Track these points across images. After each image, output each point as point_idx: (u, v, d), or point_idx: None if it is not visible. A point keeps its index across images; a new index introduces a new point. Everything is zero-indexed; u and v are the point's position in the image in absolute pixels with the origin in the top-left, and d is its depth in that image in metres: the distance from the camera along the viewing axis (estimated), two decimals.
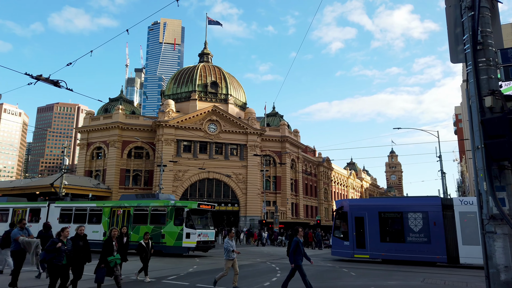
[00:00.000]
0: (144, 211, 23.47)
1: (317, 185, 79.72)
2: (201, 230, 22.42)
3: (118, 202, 25.68)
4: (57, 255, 8.85)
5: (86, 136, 57.64)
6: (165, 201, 23.19)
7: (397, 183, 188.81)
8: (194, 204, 22.89)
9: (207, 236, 22.97)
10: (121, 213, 24.03)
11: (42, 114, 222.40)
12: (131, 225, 23.34)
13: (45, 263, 8.91)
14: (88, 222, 24.63)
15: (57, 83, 14.12)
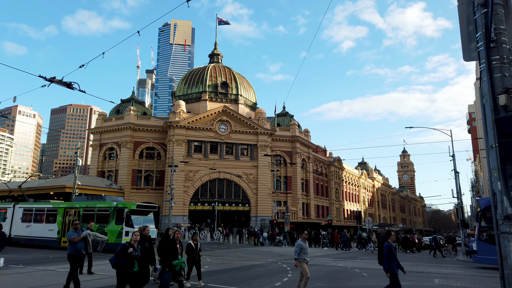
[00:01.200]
0: (91, 211, 25.74)
1: (328, 185, 79.31)
2: None
3: (71, 203, 28.45)
4: (128, 261, 8.39)
5: (98, 137, 58.36)
6: (109, 203, 25.37)
7: (409, 182, 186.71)
8: (133, 205, 24.91)
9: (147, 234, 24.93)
10: (72, 213, 26.45)
11: (55, 115, 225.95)
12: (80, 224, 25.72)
13: (116, 268, 8.46)
14: (46, 222, 27.39)
15: (70, 85, 14.35)
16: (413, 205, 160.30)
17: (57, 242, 25.93)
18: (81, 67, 15.56)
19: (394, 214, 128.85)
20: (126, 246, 8.49)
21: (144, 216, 25.34)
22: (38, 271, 15.21)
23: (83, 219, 24.77)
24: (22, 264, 17.28)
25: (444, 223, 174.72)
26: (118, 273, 8.55)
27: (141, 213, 25.17)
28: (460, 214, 34.50)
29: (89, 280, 12.96)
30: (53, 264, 17.44)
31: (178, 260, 9.74)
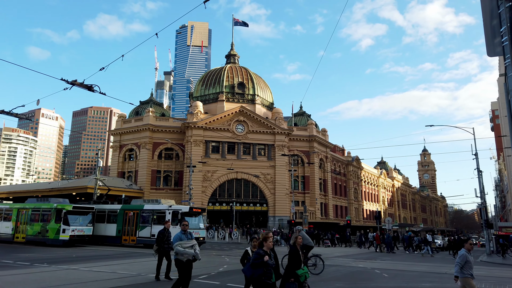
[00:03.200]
0: (38, 211, 29.38)
1: (347, 185, 78.50)
2: (76, 227, 27.78)
3: (23, 204, 31.39)
4: (266, 271, 7.40)
5: (118, 139, 59.41)
6: (51, 204, 28.97)
7: (430, 182, 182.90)
8: (70, 207, 28.13)
9: (83, 231, 28.36)
10: (24, 213, 30.11)
11: (77, 118, 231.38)
12: (29, 222, 29.43)
13: (253, 281, 7.54)
14: (4, 220, 31.11)
15: (91, 88, 14.67)
16: (434, 205, 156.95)
17: (11, 237, 29.88)
18: (101, 70, 15.88)
19: (415, 214, 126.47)
20: (261, 254, 7.50)
21: (84, 215, 28.90)
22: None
23: (30, 218, 29.51)
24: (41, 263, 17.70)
25: (467, 223, 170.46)
26: (256, 286, 7.54)
27: (79, 213, 28.59)
28: (484, 214, 33.58)
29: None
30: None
31: (303, 270, 8.46)
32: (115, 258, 20.69)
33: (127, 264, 17.92)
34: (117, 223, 29.69)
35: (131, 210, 29.38)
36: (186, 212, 27.88)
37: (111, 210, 30.73)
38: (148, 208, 28.73)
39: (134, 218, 28.94)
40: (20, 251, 23.60)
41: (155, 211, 28.30)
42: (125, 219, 29.32)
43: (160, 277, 12.90)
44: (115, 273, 14.80)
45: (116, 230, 29.53)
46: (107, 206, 32.24)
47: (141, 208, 29.02)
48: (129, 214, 29.19)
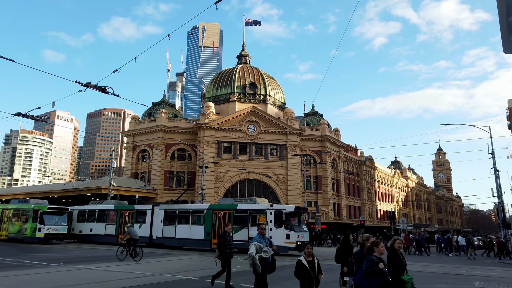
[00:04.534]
0: (18, 211, 31.78)
1: (360, 185, 77.82)
2: (51, 226, 29.91)
3: (6, 205, 33.71)
4: (382, 281, 6.50)
5: (132, 140, 60.07)
6: (29, 205, 31.33)
7: (445, 181, 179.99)
8: (45, 208, 30.40)
9: (57, 230, 30.64)
10: (7, 213, 32.38)
11: (91, 119, 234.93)
12: (10, 221, 31.69)
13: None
14: None
15: (105, 90, 14.86)
16: (450, 205, 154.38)
17: None
18: (115, 72, 16.07)
19: (430, 214, 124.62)
20: (375, 261, 6.63)
21: (60, 215, 31.27)
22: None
23: (12, 218, 31.89)
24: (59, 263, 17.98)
25: (484, 223, 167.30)
26: None
27: (54, 213, 30.90)
28: (501, 214, 32.87)
29: None
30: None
31: (408, 276, 7.03)
32: (130, 258, 20.91)
33: (141, 264, 18.10)
34: (204, 224, 26.94)
35: (222, 210, 26.69)
36: (291, 212, 24.72)
37: (196, 210, 28.18)
38: (243, 208, 26.01)
39: (226, 219, 26.18)
40: (37, 251, 24.05)
41: (252, 210, 25.59)
42: (214, 220, 26.66)
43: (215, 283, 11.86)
44: (130, 273, 14.97)
45: (204, 233, 26.70)
46: (191, 205, 30.22)
47: (234, 207, 26.36)
48: (219, 215, 26.53)
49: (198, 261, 20.63)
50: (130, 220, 30.25)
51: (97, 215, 32.84)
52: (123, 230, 29.83)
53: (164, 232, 28.53)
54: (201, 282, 13.11)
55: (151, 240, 29.14)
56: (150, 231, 29.19)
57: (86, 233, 33.11)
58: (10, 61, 13.77)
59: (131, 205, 34.41)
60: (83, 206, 36.33)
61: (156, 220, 29.10)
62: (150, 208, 29.85)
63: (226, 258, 11.66)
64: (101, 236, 31.81)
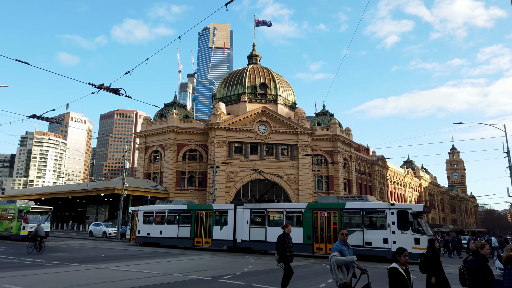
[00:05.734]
0: (6, 211, 33.97)
1: (372, 185, 77.16)
2: (34, 224, 30.37)
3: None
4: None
5: (144, 141, 60.65)
6: (15, 206, 33.41)
7: (459, 181, 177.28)
8: (29, 208, 32.53)
9: None
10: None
11: (104, 120, 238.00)
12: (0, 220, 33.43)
13: None
14: None
15: (117, 91, 15.04)
16: (464, 205, 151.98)
17: None
18: (127, 73, 16.27)
19: (444, 215, 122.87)
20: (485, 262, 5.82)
21: (44, 215, 33.27)
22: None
23: (1, 217, 33.92)
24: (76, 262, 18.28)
25: (499, 223, 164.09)
26: None
27: (37, 213, 33.03)
28: None
29: None
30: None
31: None
32: (142, 258, 21.13)
33: (154, 264, 18.26)
34: (303, 226, 23.88)
35: (325, 210, 23.56)
36: (418, 212, 21.71)
37: (291, 210, 25.28)
38: (354, 207, 22.90)
39: (330, 221, 23.24)
40: (52, 251, 24.46)
41: (365, 210, 22.37)
42: (315, 221, 23.60)
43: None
44: (143, 272, 15.12)
45: (303, 236, 23.61)
46: (285, 204, 27.52)
47: (341, 207, 23.14)
48: (322, 215, 23.43)
49: (210, 261, 20.72)
50: (209, 221, 27.50)
51: (167, 216, 30.04)
52: (199, 232, 27.74)
53: (252, 235, 25.41)
54: (213, 282, 13.16)
55: (235, 243, 26.21)
56: (233, 233, 26.32)
57: (155, 235, 30.09)
58: (25, 64, 14.04)
59: (208, 204, 32.93)
60: (150, 206, 34.13)
61: (240, 221, 26.15)
62: (232, 207, 27.11)
63: (286, 261, 11.01)
64: (173, 239, 29.10)
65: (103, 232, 40.48)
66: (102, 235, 40.32)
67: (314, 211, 23.80)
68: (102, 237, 39.73)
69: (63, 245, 29.66)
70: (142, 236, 30.87)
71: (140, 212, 31.56)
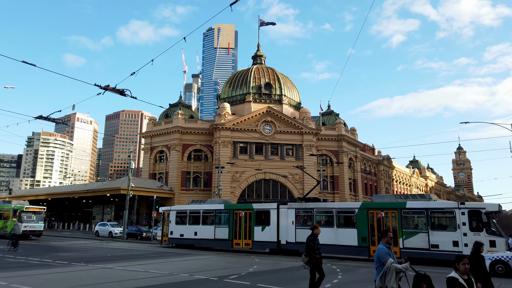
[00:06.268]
0: (1, 211, 35.57)
1: (378, 185, 76.85)
2: (28, 223, 33.39)
3: None
4: None
5: (149, 141, 60.91)
6: (10, 205, 34.89)
7: (466, 181, 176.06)
8: (23, 208, 33.99)
9: (34, 227, 34.12)
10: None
11: (110, 121, 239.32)
12: None
13: None
14: None
15: (123, 92, 15.13)
16: None
17: None
18: (132, 74, 16.35)
19: None
20: None
21: (38, 214, 34.87)
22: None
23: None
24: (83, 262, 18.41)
25: (506, 223, 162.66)
26: None
27: (31, 213, 34.46)
28: None
29: None
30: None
31: None
32: (148, 258, 21.23)
33: (160, 264, 18.34)
34: (357, 227, 22.22)
35: (382, 210, 21.82)
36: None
37: (343, 210, 23.76)
38: (417, 207, 21.12)
39: (389, 221, 21.53)
40: (59, 251, 24.66)
41: (431, 210, 20.81)
42: (370, 222, 22.02)
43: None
44: (148, 272, 15.19)
45: (357, 238, 22.06)
46: (335, 204, 26.57)
47: (401, 206, 21.22)
48: (378, 215, 21.81)
49: (216, 261, 20.77)
50: (249, 222, 26.07)
51: (202, 216, 28.56)
52: (238, 233, 26.35)
53: (298, 237, 23.77)
54: (219, 282, 13.19)
55: (279, 245, 24.73)
56: (277, 235, 24.88)
57: (189, 237, 28.71)
58: (32, 65, 14.17)
59: (247, 204, 31.91)
60: (183, 206, 32.98)
61: (284, 222, 24.76)
62: (274, 207, 25.63)
63: (315, 264, 10.43)
64: (209, 240, 27.68)
65: (109, 232, 40.72)
66: (108, 235, 40.55)
67: (369, 211, 22.21)
68: (108, 237, 39.96)
69: (70, 245, 29.88)
70: (175, 237, 29.46)
71: (172, 213, 30.19)
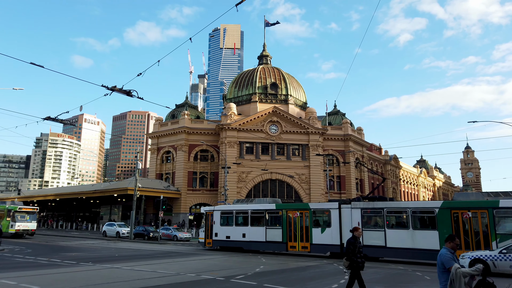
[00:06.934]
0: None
1: (385, 184, 76.42)
2: (21, 223, 35.71)
3: None
4: None
5: (156, 141, 61.19)
6: (4, 206, 36.61)
7: (474, 180, 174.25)
8: (16, 208, 36.09)
9: (27, 226, 36.24)
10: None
11: (117, 122, 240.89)
12: None
13: None
14: None
15: (130, 93, 15.23)
16: None
17: None
18: (139, 75, 16.46)
19: None
20: None
21: (31, 214, 36.96)
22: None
23: None
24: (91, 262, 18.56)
25: None
26: None
27: (25, 213, 36.42)
28: None
29: None
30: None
31: None
32: (155, 258, 21.34)
33: (167, 264, 18.43)
34: (438, 229, 19.97)
35: (468, 209, 19.41)
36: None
37: (420, 210, 21.41)
38: None
39: (478, 222, 19.20)
40: (67, 250, 24.87)
41: None
42: (454, 224, 19.67)
43: None
44: (156, 272, 15.27)
45: (439, 241, 19.62)
46: (410, 203, 23.41)
47: (493, 205, 18.79)
48: (464, 216, 19.43)
49: (222, 261, 20.82)
50: (305, 222, 24.30)
51: (251, 217, 26.63)
52: (293, 235, 24.42)
53: (366, 239, 21.36)
54: (225, 282, 13.22)
55: (342, 249, 22.10)
56: (339, 237, 22.75)
57: (236, 239, 26.80)
58: (40, 67, 14.32)
59: (303, 203, 30.45)
60: (228, 206, 31.02)
61: (347, 223, 22.53)
62: (335, 206, 23.46)
63: (357, 268, 9.89)
64: (260, 243, 25.74)
65: (117, 232, 40.97)
66: (115, 235, 40.81)
67: (452, 210, 19.80)
68: (115, 237, 40.21)
69: (78, 245, 30.13)
70: (220, 239, 27.64)
71: (216, 213, 28.40)
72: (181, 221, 53.68)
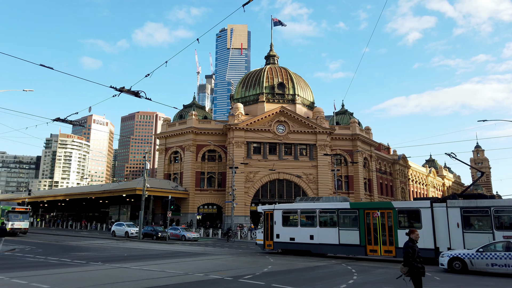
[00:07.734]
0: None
1: (393, 184, 75.87)
2: (14, 222, 37.28)
3: None
4: None
5: (164, 142, 61.53)
6: None
7: (484, 180, 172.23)
8: (10, 208, 37.66)
9: (20, 225, 37.89)
10: None
11: (125, 122, 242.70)
12: None
13: None
14: None
15: (138, 94, 15.33)
16: None
17: None
18: (147, 76, 16.56)
19: None
20: None
21: (24, 214, 38.67)
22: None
23: None
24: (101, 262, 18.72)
25: None
26: None
27: (19, 212, 38.12)
28: None
29: None
30: None
31: None
32: (163, 258, 21.45)
33: (175, 264, 18.51)
34: None
35: None
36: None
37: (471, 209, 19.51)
38: None
39: None
40: (77, 250, 25.12)
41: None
42: None
43: None
44: (164, 271, 15.35)
45: None
46: None
47: None
48: None
49: (230, 261, 20.85)
50: (387, 223, 21.73)
51: (319, 217, 24.27)
52: (373, 238, 21.88)
53: (467, 243, 18.74)
54: (233, 282, 13.24)
55: (437, 254, 19.43)
56: (433, 241, 20.01)
57: (302, 241, 24.40)
58: (49, 68, 14.48)
59: (384, 202, 27.04)
60: (291, 204, 27.37)
61: (442, 224, 19.93)
62: (426, 205, 20.75)
63: (418, 274, 8.95)
64: (332, 246, 23.32)
65: (126, 232, 41.28)
66: (124, 235, 41.12)
67: None
68: (124, 237, 40.52)
69: (87, 245, 30.41)
70: (283, 241, 25.31)
71: (277, 212, 26.18)
72: (189, 221, 53.91)
